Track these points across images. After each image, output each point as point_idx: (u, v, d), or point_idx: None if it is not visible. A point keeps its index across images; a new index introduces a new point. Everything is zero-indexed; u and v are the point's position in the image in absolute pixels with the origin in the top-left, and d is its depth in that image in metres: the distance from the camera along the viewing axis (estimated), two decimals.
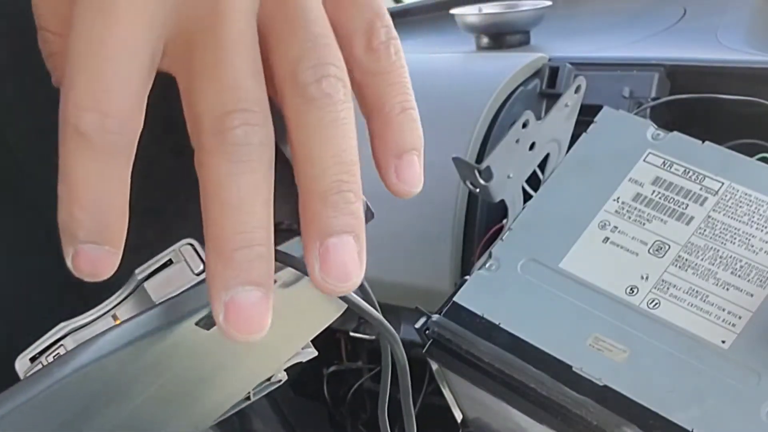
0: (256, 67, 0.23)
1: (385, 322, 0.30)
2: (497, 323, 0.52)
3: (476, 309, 0.53)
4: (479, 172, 0.55)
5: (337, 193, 0.22)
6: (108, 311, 0.25)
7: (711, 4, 0.90)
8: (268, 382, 0.35)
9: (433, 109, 0.75)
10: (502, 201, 0.58)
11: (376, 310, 0.29)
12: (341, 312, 0.33)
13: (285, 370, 0.35)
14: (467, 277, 0.55)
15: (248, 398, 0.35)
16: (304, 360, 0.35)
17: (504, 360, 0.50)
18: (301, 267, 0.26)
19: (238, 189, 0.21)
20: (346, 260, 0.22)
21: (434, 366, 0.55)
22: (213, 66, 0.22)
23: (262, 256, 0.22)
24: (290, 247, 0.26)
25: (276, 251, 0.25)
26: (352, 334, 0.79)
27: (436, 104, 0.75)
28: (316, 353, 0.35)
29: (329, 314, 0.33)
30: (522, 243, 0.55)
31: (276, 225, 0.25)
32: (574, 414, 0.48)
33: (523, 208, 0.57)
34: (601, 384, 0.48)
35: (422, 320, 0.54)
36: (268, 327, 0.21)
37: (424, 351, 0.54)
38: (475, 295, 0.53)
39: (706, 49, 0.78)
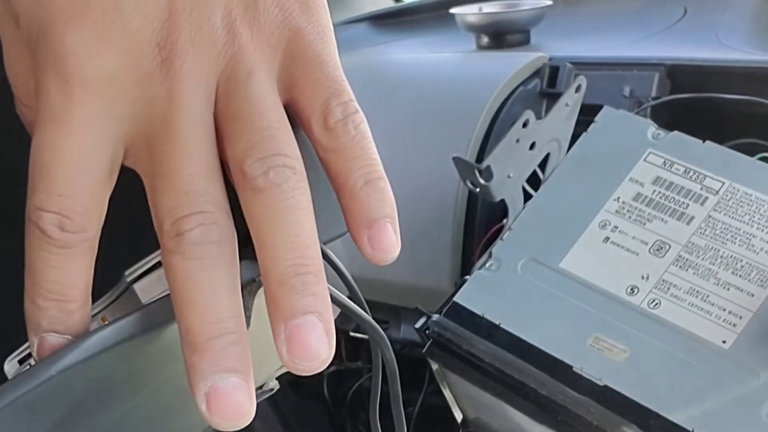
0: (210, 167, 0.24)
1: (376, 325, 0.30)
2: (497, 323, 0.52)
3: (476, 309, 0.53)
4: (479, 172, 0.55)
5: (294, 277, 0.23)
6: (97, 313, 0.25)
7: (711, 4, 0.90)
8: (260, 391, 0.35)
9: (433, 109, 0.75)
10: (502, 201, 0.58)
11: (367, 313, 0.29)
12: (334, 317, 0.33)
13: (277, 378, 0.35)
14: (467, 277, 0.55)
15: None
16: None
17: (504, 360, 0.50)
18: None
19: (201, 284, 0.23)
20: (311, 340, 0.23)
21: (434, 366, 0.55)
22: (168, 174, 0.23)
23: (235, 343, 0.23)
24: None
25: None
26: (352, 334, 0.79)
27: (436, 104, 0.75)
28: None
29: None
30: (522, 243, 0.55)
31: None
32: (574, 414, 0.48)
33: (523, 208, 0.57)
34: (601, 384, 0.48)
35: (422, 320, 0.54)
36: (252, 412, 0.22)
37: (424, 351, 0.54)
38: (475, 295, 0.53)
39: (706, 49, 0.78)
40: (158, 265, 0.26)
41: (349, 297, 0.29)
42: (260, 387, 0.35)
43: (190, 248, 0.23)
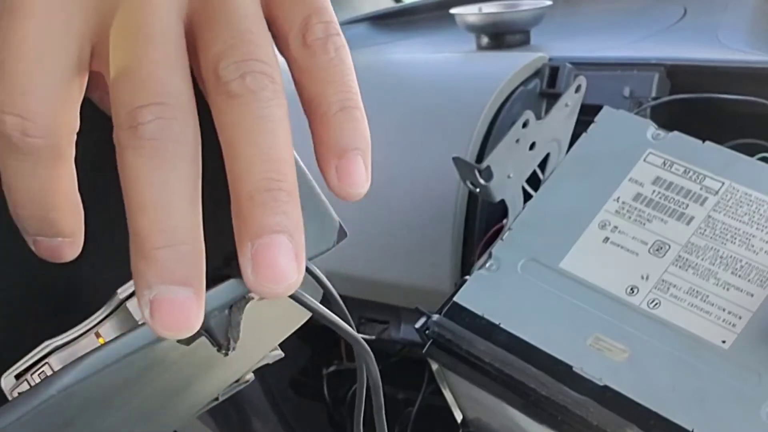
0: (177, 59, 0.22)
1: (360, 338, 0.30)
2: (497, 323, 0.52)
3: (476, 309, 0.53)
4: (479, 172, 0.55)
5: (265, 191, 0.21)
6: (90, 329, 0.26)
7: (711, 4, 0.90)
8: (236, 383, 0.35)
9: (433, 109, 0.75)
10: (502, 201, 0.58)
11: (352, 327, 0.29)
12: (306, 318, 0.33)
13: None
14: (467, 277, 0.55)
15: (216, 399, 0.35)
16: (271, 362, 0.35)
17: (504, 360, 0.50)
18: None
19: (152, 186, 0.20)
20: (279, 261, 0.21)
21: (434, 366, 0.55)
22: (128, 61, 0.21)
23: (187, 254, 0.21)
24: None
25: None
26: None
27: (436, 104, 0.75)
28: (282, 355, 0.36)
29: (298, 318, 0.33)
30: (522, 243, 0.55)
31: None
32: (574, 414, 0.48)
33: (523, 208, 0.57)
34: (601, 384, 0.48)
35: (422, 320, 0.54)
36: (198, 326, 0.21)
37: (424, 351, 0.54)
38: (475, 295, 0.53)
39: (706, 49, 0.78)
40: None
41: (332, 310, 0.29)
42: (237, 380, 0.35)
43: (144, 143, 0.20)
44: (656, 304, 0.50)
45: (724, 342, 0.48)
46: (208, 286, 0.24)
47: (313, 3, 0.24)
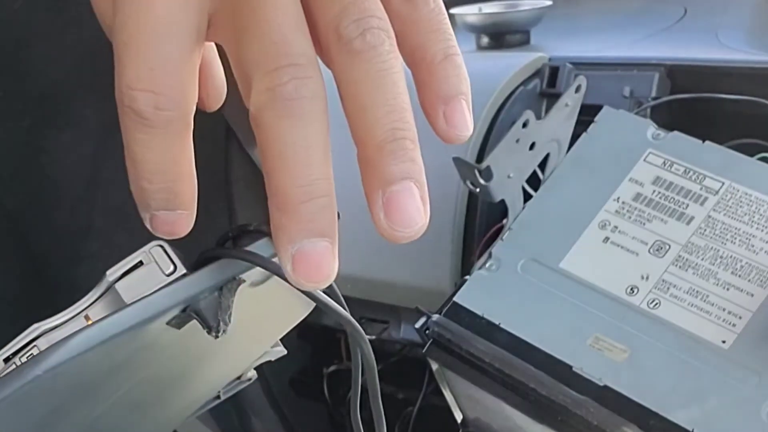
0: (299, 22, 0.23)
1: (354, 322, 0.30)
2: (497, 323, 0.52)
3: (476, 309, 0.53)
4: (479, 172, 0.55)
5: (393, 141, 0.23)
6: (80, 312, 0.25)
7: (711, 4, 0.90)
8: (237, 381, 0.35)
9: None
10: (502, 201, 0.58)
11: (344, 309, 0.29)
12: (309, 311, 0.33)
13: (255, 369, 0.35)
14: (467, 277, 0.55)
15: (218, 397, 0.35)
16: (273, 359, 0.35)
17: (504, 360, 0.50)
18: (270, 267, 0.26)
19: (294, 143, 0.22)
20: (409, 206, 0.22)
21: (434, 366, 0.55)
22: (257, 25, 0.22)
23: (325, 206, 0.22)
24: (258, 247, 0.26)
25: (244, 251, 0.25)
26: None
27: None
28: (285, 352, 0.35)
29: (297, 313, 0.33)
30: (522, 243, 0.55)
31: (244, 226, 0.25)
32: (574, 414, 0.48)
33: (523, 208, 0.57)
34: (601, 384, 0.48)
35: (422, 320, 0.54)
36: (334, 275, 0.22)
37: (424, 351, 0.54)
38: (475, 295, 0.53)
39: (706, 49, 0.78)
40: (140, 264, 0.26)
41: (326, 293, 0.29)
42: (238, 377, 0.35)
43: (284, 104, 0.22)
44: (656, 304, 0.50)
45: (724, 342, 0.48)
46: (198, 268, 0.24)
47: None
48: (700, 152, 0.55)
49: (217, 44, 0.27)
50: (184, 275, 0.25)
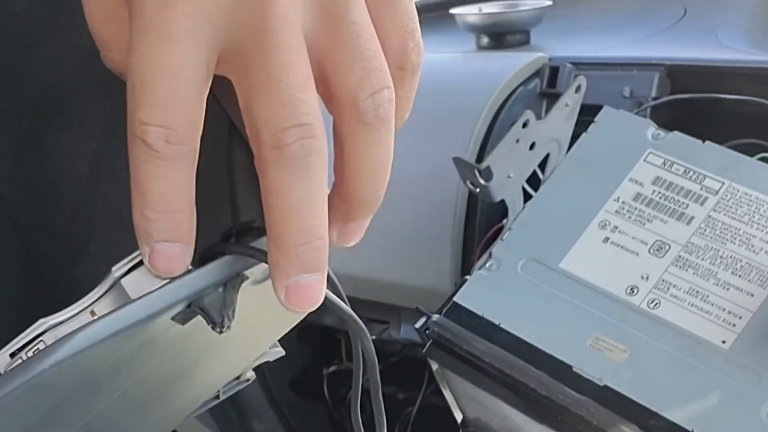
0: (307, 79, 0.24)
1: (355, 316, 0.30)
2: (497, 323, 0.52)
3: (476, 309, 0.53)
4: (479, 172, 0.55)
5: (375, 201, 0.27)
6: (86, 308, 0.26)
7: (711, 4, 0.90)
8: (236, 381, 0.35)
9: (433, 109, 0.75)
10: (502, 201, 0.58)
11: (347, 305, 0.29)
12: (306, 314, 0.33)
13: (255, 369, 0.35)
14: (467, 277, 0.55)
15: (217, 397, 0.35)
16: (271, 359, 0.35)
17: (504, 360, 0.50)
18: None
19: (297, 196, 0.24)
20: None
21: (434, 366, 0.55)
22: (268, 84, 0.24)
23: (320, 247, 0.24)
24: (262, 243, 0.26)
25: (248, 247, 0.26)
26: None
27: (436, 104, 0.75)
28: (283, 352, 0.35)
29: (297, 313, 0.33)
30: (522, 243, 0.55)
31: (248, 223, 0.26)
32: (574, 414, 0.48)
33: (523, 208, 0.57)
34: (601, 384, 0.48)
35: (422, 320, 0.54)
36: (322, 299, 0.25)
37: (424, 351, 0.54)
38: (475, 295, 0.53)
39: (706, 49, 0.78)
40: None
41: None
42: (237, 378, 0.35)
43: (290, 161, 0.23)
44: (656, 304, 0.50)
45: (724, 342, 0.48)
46: (202, 264, 0.25)
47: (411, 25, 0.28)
48: (700, 152, 0.55)
49: None
50: (189, 271, 0.25)
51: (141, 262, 0.26)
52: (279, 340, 0.35)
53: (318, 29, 0.24)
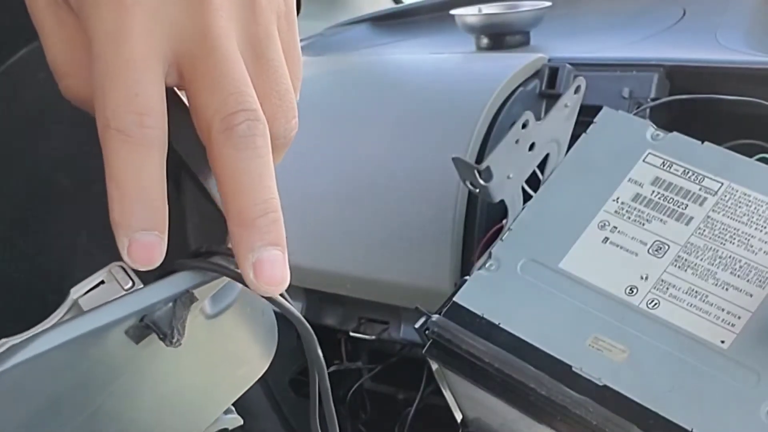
0: (247, 77, 0.27)
1: (302, 318, 0.30)
2: (497, 323, 0.52)
3: (476, 309, 0.53)
4: (479, 173, 0.56)
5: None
6: (47, 329, 0.26)
7: (710, 5, 0.90)
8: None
9: (433, 109, 0.75)
10: (502, 201, 0.58)
11: (295, 309, 0.30)
12: (266, 367, 0.34)
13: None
14: (467, 277, 0.55)
15: None
16: (229, 428, 0.35)
17: (504, 360, 0.50)
18: (225, 272, 0.27)
19: (250, 171, 0.26)
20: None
21: (434, 366, 0.55)
22: (217, 79, 0.26)
23: (277, 220, 0.26)
24: (215, 261, 0.28)
25: (199, 261, 0.27)
26: (352, 334, 0.79)
27: (436, 104, 0.75)
28: (241, 421, 0.35)
29: (255, 367, 0.33)
30: (522, 243, 0.55)
31: (212, 246, 0.27)
32: (574, 414, 0.48)
33: (523, 209, 0.57)
34: (600, 384, 0.48)
35: (422, 320, 0.54)
36: (288, 280, 0.26)
37: (424, 351, 0.54)
38: (475, 295, 0.53)
39: (705, 50, 0.78)
40: (102, 282, 0.27)
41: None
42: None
43: (240, 140, 0.26)
44: (655, 304, 0.50)
45: (723, 342, 0.48)
46: (153, 281, 0.25)
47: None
48: (699, 153, 0.55)
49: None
50: (141, 288, 0.26)
51: (98, 285, 0.27)
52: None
53: (250, 46, 0.28)
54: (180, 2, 0.27)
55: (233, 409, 0.35)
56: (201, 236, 0.29)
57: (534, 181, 0.60)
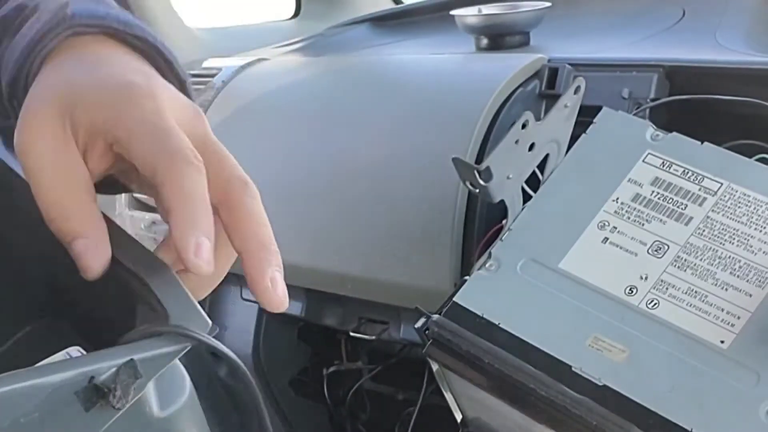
0: (181, 132, 0.34)
1: (240, 363, 0.31)
2: (497, 323, 0.52)
3: (476, 309, 0.53)
4: (479, 173, 0.56)
5: (269, 248, 0.34)
6: None
7: (710, 5, 0.90)
8: None
9: (433, 109, 0.75)
10: (502, 201, 0.58)
11: (227, 351, 0.31)
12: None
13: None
14: (467, 277, 0.55)
15: None
16: None
17: (504, 360, 0.50)
18: (174, 330, 0.28)
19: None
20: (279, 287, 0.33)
21: (434, 366, 0.55)
22: (161, 140, 0.33)
23: (209, 215, 0.33)
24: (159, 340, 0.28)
25: (146, 329, 0.28)
26: (352, 334, 0.79)
27: (436, 105, 0.75)
28: None
29: None
30: (521, 243, 0.55)
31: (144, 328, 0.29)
32: (574, 414, 0.48)
33: (523, 209, 0.58)
34: (600, 384, 0.48)
35: (422, 320, 0.54)
36: (213, 265, 0.31)
37: (424, 351, 0.54)
38: (475, 295, 0.54)
39: (705, 50, 0.78)
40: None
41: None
42: None
43: (198, 164, 0.32)
44: (655, 304, 0.50)
45: (722, 342, 0.48)
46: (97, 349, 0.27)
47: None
48: (698, 153, 0.55)
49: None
50: (93, 353, 0.27)
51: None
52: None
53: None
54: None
55: None
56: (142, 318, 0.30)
57: (534, 181, 0.60)
